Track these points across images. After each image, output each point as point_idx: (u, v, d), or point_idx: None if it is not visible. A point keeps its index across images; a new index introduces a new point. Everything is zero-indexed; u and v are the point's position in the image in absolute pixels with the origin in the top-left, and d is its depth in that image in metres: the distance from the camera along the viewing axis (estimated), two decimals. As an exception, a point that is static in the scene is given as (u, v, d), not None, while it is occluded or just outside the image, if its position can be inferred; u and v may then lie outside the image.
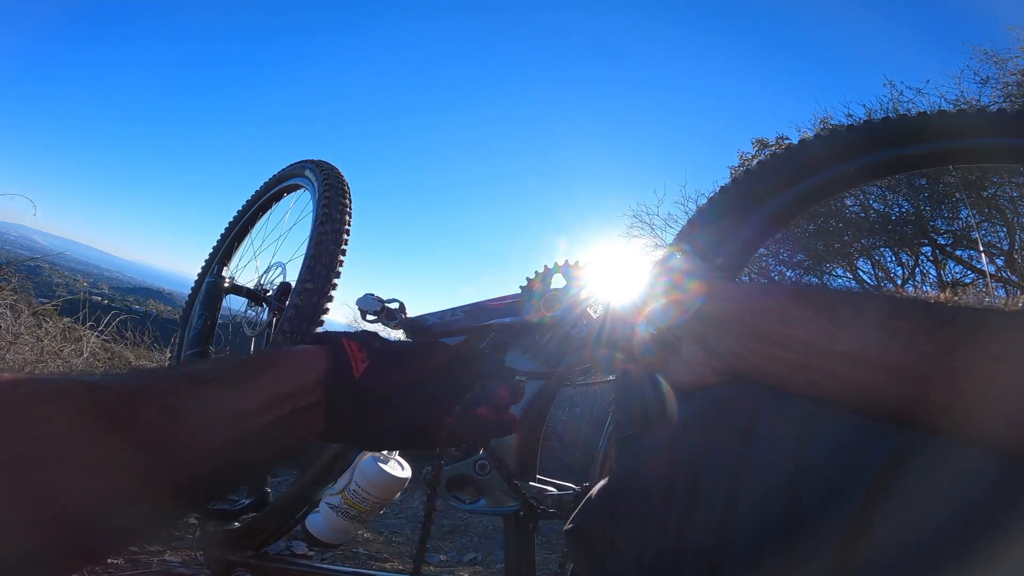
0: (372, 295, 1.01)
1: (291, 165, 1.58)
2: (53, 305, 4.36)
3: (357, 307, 1.02)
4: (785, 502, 0.35)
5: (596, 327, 0.81)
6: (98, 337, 4.08)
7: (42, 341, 3.68)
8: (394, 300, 1.01)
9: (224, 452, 0.45)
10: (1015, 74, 4.92)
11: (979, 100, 4.88)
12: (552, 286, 0.88)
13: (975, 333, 0.35)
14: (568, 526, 0.49)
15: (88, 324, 4.13)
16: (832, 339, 0.39)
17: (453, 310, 0.97)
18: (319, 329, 1.20)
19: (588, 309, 0.84)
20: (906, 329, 0.37)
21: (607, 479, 0.49)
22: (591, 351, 0.82)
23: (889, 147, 0.74)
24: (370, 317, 1.01)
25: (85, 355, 3.90)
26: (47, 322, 4.00)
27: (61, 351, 3.80)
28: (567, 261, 0.88)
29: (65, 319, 4.21)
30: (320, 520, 1.07)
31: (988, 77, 4.99)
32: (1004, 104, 4.61)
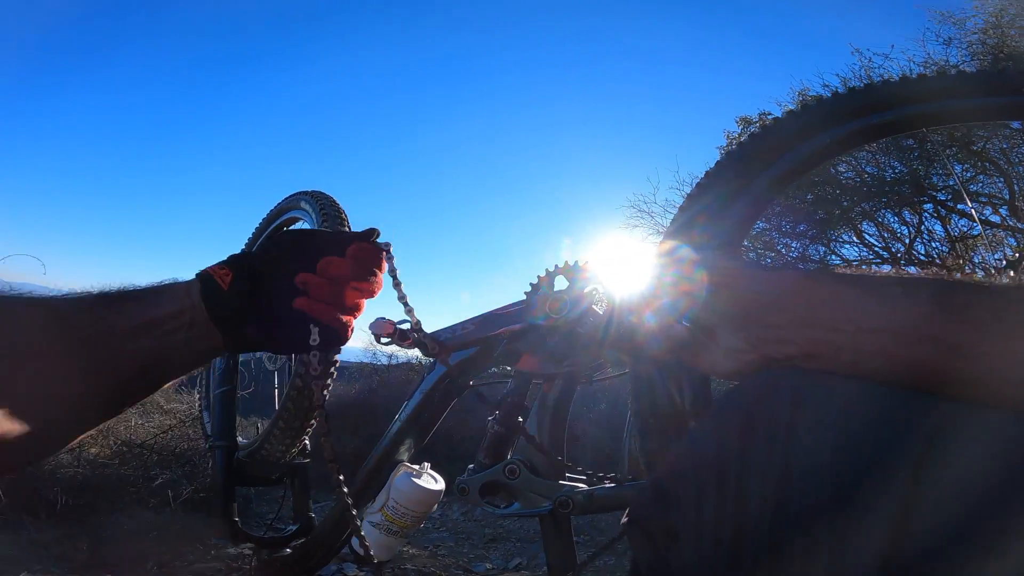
0: (383, 318, 1.03)
1: (286, 199, 1.60)
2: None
3: (370, 331, 1.04)
4: (834, 478, 0.37)
5: (603, 323, 0.83)
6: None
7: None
8: (406, 321, 1.03)
9: (141, 354, 0.59)
10: (975, 32, 4.92)
11: (946, 60, 4.89)
12: (556, 288, 0.90)
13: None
14: (624, 519, 0.51)
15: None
16: (882, 318, 0.41)
17: (464, 323, 0.99)
18: (337, 355, 1.23)
19: (593, 306, 0.85)
20: (959, 303, 0.39)
21: (658, 471, 0.51)
22: (599, 347, 0.83)
23: (860, 117, 0.76)
24: (384, 339, 1.03)
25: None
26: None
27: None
28: (567, 262, 0.89)
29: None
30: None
31: (951, 38, 5.00)
32: (969, 64, 4.66)
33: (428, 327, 1.05)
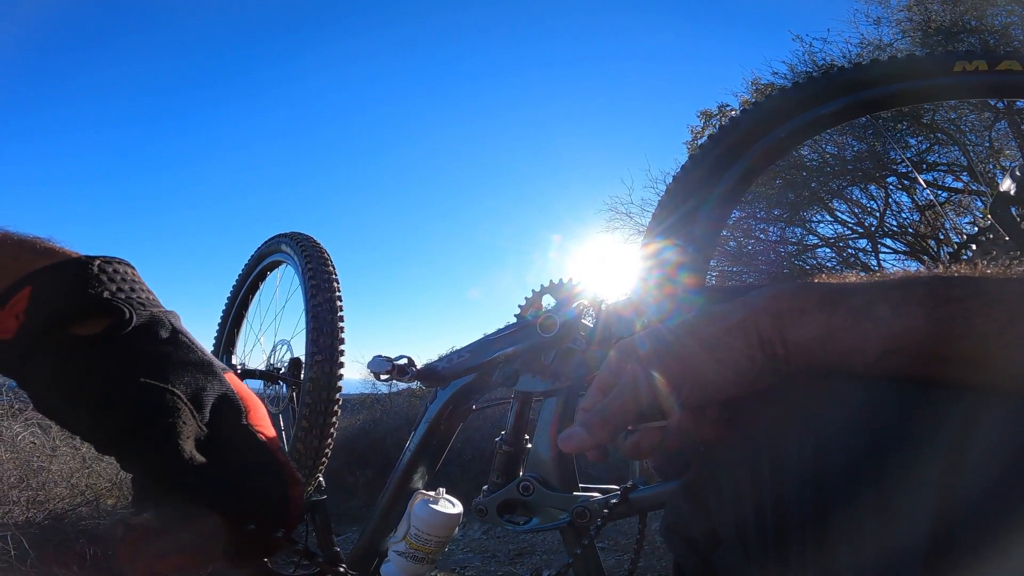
0: (380, 356, 1.05)
1: (266, 242, 1.62)
2: (78, 417, 4.39)
3: (369, 370, 1.07)
4: (871, 470, 0.37)
5: (594, 336, 0.85)
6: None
7: (80, 450, 3.75)
8: (402, 357, 1.05)
9: None
10: (902, 10, 5.16)
11: (880, 40, 5.17)
12: (545, 306, 0.93)
13: None
14: (663, 526, 0.50)
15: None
16: (888, 343, 0.40)
17: (459, 351, 1.01)
18: (338, 395, 1.25)
19: (583, 320, 0.88)
20: (958, 313, 0.38)
21: (688, 475, 0.49)
22: (592, 360, 0.86)
23: (805, 110, 0.79)
24: (383, 377, 1.06)
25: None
26: (78, 432, 4.05)
27: (102, 456, 3.84)
28: (552, 281, 0.92)
29: (94, 428, 4.24)
30: (393, 569, 1.12)
31: (879, 17, 5.25)
32: (902, 43, 4.98)
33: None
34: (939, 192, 5.15)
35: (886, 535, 0.36)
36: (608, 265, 0.93)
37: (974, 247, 1.01)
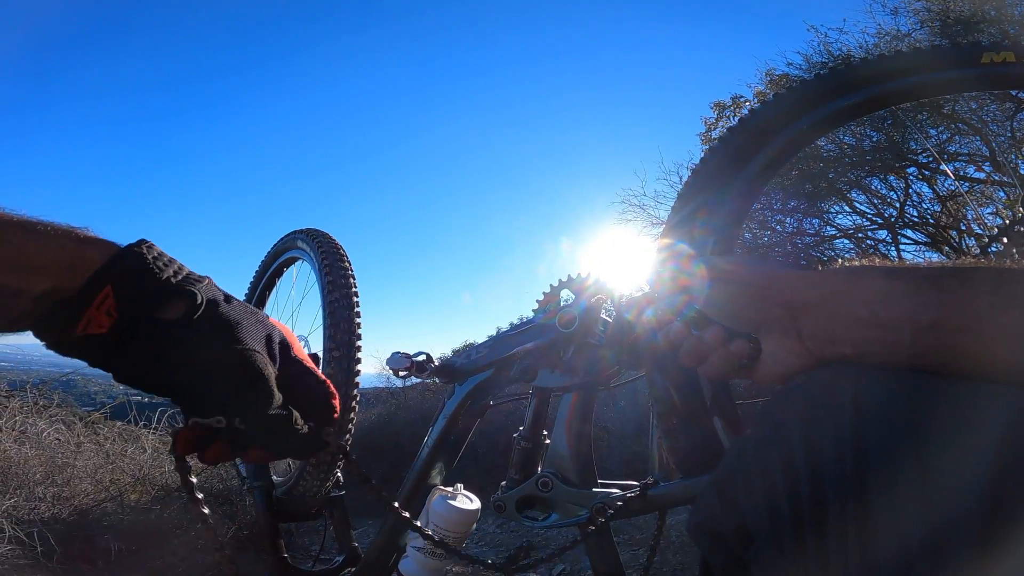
0: (399, 353, 1.06)
1: (282, 239, 1.63)
2: (101, 413, 4.49)
3: (388, 367, 1.07)
4: (914, 466, 0.37)
5: (613, 331, 0.84)
6: (155, 434, 4.21)
7: (103, 446, 3.81)
8: (421, 353, 1.06)
9: None
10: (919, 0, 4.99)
11: (897, 30, 5.03)
12: (563, 301, 0.92)
13: None
14: (691, 524, 0.50)
15: (141, 424, 4.25)
16: (942, 313, 0.40)
17: (477, 347, 1.01)
18: (356, 391, 1.26)
19: (601, 315, 0.87)
20: (1020, 292, 0.38)
21: (717, 473, 0.49)
22: (612, 356, 0.85)
23: (829, 101, 0.78)
24: (402, 373, 1.06)
25: (149, 451, 4.03)
26: (102, 429, 4.14)
27: (125, 452, 3.93)
28: (569, 276, 0.91)
29: (117, 423, 4.35)
30: (411, 564, 1.13)
31: (897, 7, 5.10)
32: (920, 33, 4.87)
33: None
34: (961, 182, 5.04)
35: (933, 520, 0.35)
36: (624, 258, 0.92)
37: (1005, 239, 0.99)
